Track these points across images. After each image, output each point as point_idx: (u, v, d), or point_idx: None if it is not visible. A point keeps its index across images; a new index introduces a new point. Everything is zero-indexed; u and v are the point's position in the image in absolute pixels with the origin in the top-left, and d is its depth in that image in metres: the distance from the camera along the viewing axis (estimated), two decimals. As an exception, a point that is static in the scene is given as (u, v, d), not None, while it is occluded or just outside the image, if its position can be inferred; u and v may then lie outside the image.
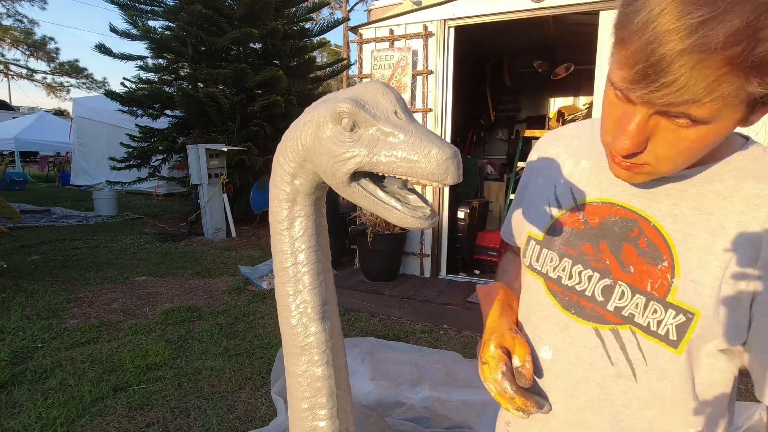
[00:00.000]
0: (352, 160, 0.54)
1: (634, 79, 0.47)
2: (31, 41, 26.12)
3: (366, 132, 0.54)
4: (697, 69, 0.43)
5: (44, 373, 2.58)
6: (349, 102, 0.53)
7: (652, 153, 0.53)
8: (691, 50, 0.42)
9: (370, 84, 0.57)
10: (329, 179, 0.59)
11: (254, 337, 3.14)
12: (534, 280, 0.73)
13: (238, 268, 4.81)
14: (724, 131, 0.50)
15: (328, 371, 0.69)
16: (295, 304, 0.69)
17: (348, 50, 20.22)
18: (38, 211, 8.53)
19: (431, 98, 4.06)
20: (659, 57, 0.44)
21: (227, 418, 2.19)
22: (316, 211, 0.69)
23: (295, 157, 0.64)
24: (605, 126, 0.57)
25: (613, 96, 0.54)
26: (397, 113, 0.54)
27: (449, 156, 0.49)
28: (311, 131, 0.60)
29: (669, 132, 0.51)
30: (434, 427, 2.11)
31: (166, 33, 7.17)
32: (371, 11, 6.21)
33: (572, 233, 0.68)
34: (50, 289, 4.05)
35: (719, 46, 0.41)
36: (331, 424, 0.70)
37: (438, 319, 3.50)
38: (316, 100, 0.64)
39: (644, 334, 0.60)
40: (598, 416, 0.65)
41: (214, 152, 6.34)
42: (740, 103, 0.46)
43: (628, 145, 0.52)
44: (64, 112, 27.92)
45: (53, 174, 15.76)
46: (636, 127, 0.51)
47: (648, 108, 0.49)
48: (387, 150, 0.52)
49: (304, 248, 0.68)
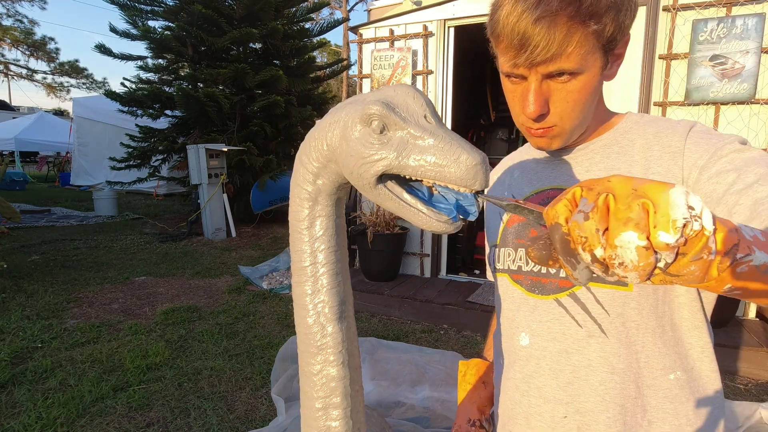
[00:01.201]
0: (380, 163, 0.54)
1: (515, 55, 0.61)
2: (31, 41, 26.13)
3: (395, 135, 0.54)
4: (551, 29, 0.57)
5: (44, 373, 2.58)
6: (379, 104, 0.54)
7: (556, 114, 0.65)
8: (541, 18, 0.56)
9: (400, 87, 0.57)
10: (355, 180, 0.59)
11: (254, 337, 3.14)
12: (501, 279, 0.80)
13: (238, 268, 4.82)
14: (596, 78, 0.63)
15: (343, 371, 0.69)
16: (313, 304, 0.69)
17: (348, 50, 20.22)
18: (38, 211, 8.53)
19: (431, 98, 4.06)
20: (522, 32, 0.58)
21: (227, 418, 2.19)
22: (337, 211, 0.70)
23: (319, 156, 0.64)
24: (514, 111, 0.69)
25: (509, 84, 0.67)
26: (426, 117, 0.55)
27: (478, 162, 0.49)
28: (338, 132, 0.60)
29: (559, 91, 0.63)
30: (434, 427, 2.11)
31: (166, 33, 7.17)
32: (371, 11, 6.22)
33: (519, 226, 0.78)
34: (50, 289, 4.05)
35: (557, 8, 0.56)
36: (344, 424, 0.71)
37: (438, 319, 3.50)
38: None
39: (596, 285, 0.67)
40: (587, 385, 0.68)
41: (214, 152, 6.34)
42: (595, 49, 0.61)
43: (534, 108, 0.63)
44: (64, 112, 27.92)
45: (53, 174, 15.76)
46: (534, 92, 0.63)
47: (534, 74, 0.62)
48: (416, 154, 0.52)
49: (324, 248, 0.68)
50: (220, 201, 6.47)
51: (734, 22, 3.02)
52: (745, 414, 2.12)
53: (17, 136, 14.68)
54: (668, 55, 3.24)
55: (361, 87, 4.39)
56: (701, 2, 3.10)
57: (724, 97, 3.10)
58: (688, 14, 3.17)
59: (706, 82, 3.13)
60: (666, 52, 3.25)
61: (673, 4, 3.18)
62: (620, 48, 0.65)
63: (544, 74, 0.61)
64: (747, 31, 2.99)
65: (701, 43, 3.12)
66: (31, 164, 18.84)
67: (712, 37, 3.09)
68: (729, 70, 3.07)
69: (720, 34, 3.06)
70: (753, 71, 3.01)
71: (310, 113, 7.50)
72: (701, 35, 3.12)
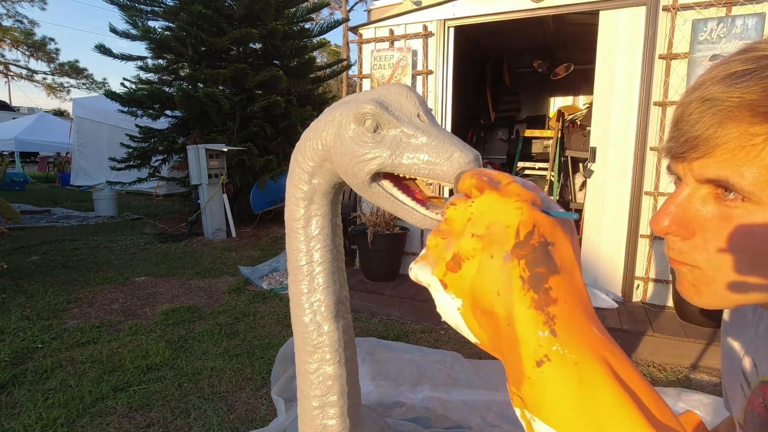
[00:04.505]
0: (374, 161, 0.54)
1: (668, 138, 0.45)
2: (31, 42, 26.13)
3: (389, 133, 0.54)
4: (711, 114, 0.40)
5: (44, 373, 2.58)
6: (373, 103, 0.54)
7: (702, 248, 0.43)
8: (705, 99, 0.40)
9: (394, 86, 0.57)
10: (350, 179, 0.59)
11: (254, 337, 3.14)
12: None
13: (238, 269, 4.81)
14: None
15: (339, 370, 0.69)
16: (309, 303, 0.69)
17: (348, 50, 20.22)
18: (38, 211, 8.53)
19: (431, 98, 4.06)
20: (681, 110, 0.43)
21: (227, 418, 2.19)
22: (333, 210, 0.70)
23: (314, 156, 0.64)
24: None
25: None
26: (420, 116, 0.55)
27: (471, 159, 0.49)
28: (332, 131, 0.60)
29: (719, 219, 0.42)
30: (434, 427, 2.11)
31: (165, 33, 7.17)
32: (371, 11, 6.22)
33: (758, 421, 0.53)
34: (50, 289, 4.05)
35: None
36: (341, 422, 0.71)
37: (438, 320, 3.50)
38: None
39: None
40: None
41: (214, 152, 6.34)
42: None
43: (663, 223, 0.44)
44: (64, 113, 27.93)
45: (53, 174, 15.76)
46: (679, 202, 0.44)
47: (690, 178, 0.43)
48: (410, 152, 0.52)
49: (320, 247, 0.68)
50: (220, 201, 6.48)
51: (734, 22, 3.02)
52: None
53: (17, 136, 14.67)
54: (668, 54, 3.24)
55: (361, 87, 4.39)
56: (701, 2, 3.10)
57: (724, 97, 3.09)
58: (687, 14, 3.17)
59: (706, 81, 3.13)
60: (666, 52, 3.25)
61: (673, 4, 3.18)
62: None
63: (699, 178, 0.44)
64: (747, 31, 2.99)
65: (701, 42, 3.12)
66: (31, 164, 18.84)
67: (712, 37, 3.09)
68: (729, 69, 3.06)
69: (720, 34, 3.06)
70: (753, 71, 3.00)
71: (310, 113, 7.49)
72: (701, 35, 3.12)
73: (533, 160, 5.68)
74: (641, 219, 3.44)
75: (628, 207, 3.48)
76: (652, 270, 3.46)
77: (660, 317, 3.20)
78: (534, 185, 0.36)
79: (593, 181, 3.64)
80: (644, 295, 3.49)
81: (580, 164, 5.06)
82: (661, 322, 3.10)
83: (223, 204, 6.53)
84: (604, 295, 3.49)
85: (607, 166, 3.56)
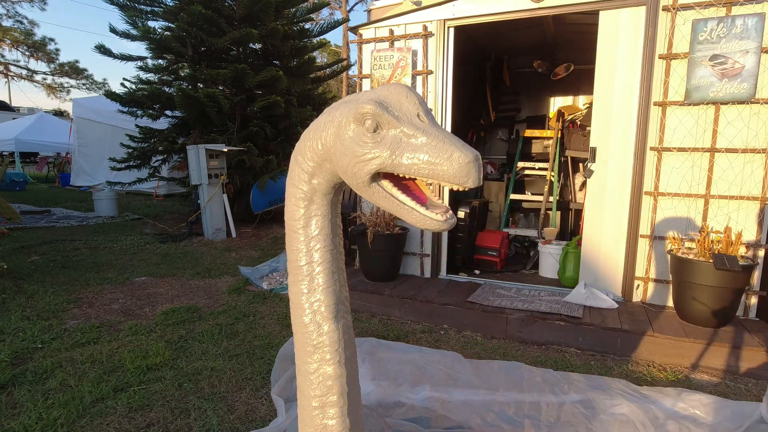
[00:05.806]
0: (374, 161, 0.54)
1: None
2: (31, 42, 26.13)
3: (389, 133, 0.54)
4: None
5: (44, 373, 2.58)
6: (372, 103, 0.54)
7: None
8: None
9: (394, 87, 0.57)
10: (350, 179, 0.59)
11: (254, 337, 3.14)
12: None
13: (238, 269, 4.81)
14: None
15: (339, 370, 0.69)
16: (309, 303, 0.69)
17: (348, 50, 20.22)
18: (38, 211, 8.54)
19: (431, 98, 4.06)
20: None
21: (227, 418, 2.19)
22: (332, 210, 0.70)
23: (314, 156, 0.64)
24: None
25: None
26: (419, 116, 0.55)
27: (471, 159, 0.49)
28: (332, 131, 0.60)
29: None
30: (434, 427, 2.11)
31: (165, 33, 7.18)
32: (371, 11, 6.22)
33: None
34: (50, 289, 4.05)
35: None
36: (341, 422, 0.70)
37: (438, 319, 3.50)
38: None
39: None
40: None
41: (214, 152, 6.34)
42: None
43: None
44: (64, 113, 27.91)
45: (53, 175, 15.76)
46: None
47: None
48: (409, 152, 0.52)
49: (320, 247, 0.68)
50: (220, 201, 6.48)
51: (734, 22, 3.02)
52: (745, 414, 2.12)
53: (17, 136, 14.68)
54: (668, 54, 3.24)
55: (361, 87, 4.39)
56: (701, 2, 3.10)
57: (723, 97, 3.10)
58: (687, 14, 3.17)
59: (706, 81, 3.13)
60: (666, 52, 3.25)
61: (673, 4, 3.18)
62: None
63: None
64: (747, 31, 2.99)
65: (701, 42, 3.12)
66: (31, 165, 18.84)
67: (711, 37, 3.09)
68: (729, 69, 3.07)
69: (720, 34, 3.06)
70: (753, 71, 3.01)
71: (310, 113, 7.49)
72: (701, 35, 3.12)
73: (533, 160, 5.68)
74: (641, 219, 3.44)
75: (628, 207, 3.48)
76: (652, 270, 3.46)
77: (660, 317, 3.20)
78: None
79: (593, 181, 3.64)
80: (644, 295, 3.49)
81: (580, 164, 5.06)
82: (661, 322, 3.10)
83: (223, 204, 6.54)
84: (604, 295, 3.49)
85: (607, 166, 3.56)
